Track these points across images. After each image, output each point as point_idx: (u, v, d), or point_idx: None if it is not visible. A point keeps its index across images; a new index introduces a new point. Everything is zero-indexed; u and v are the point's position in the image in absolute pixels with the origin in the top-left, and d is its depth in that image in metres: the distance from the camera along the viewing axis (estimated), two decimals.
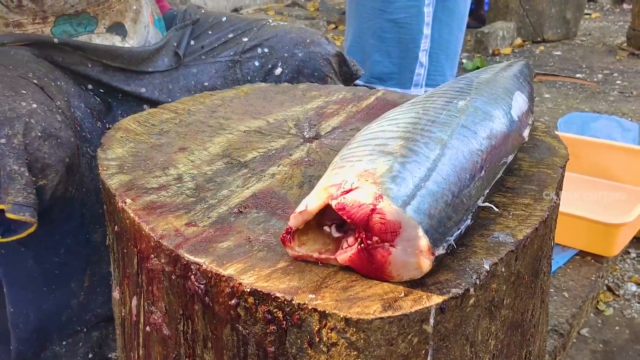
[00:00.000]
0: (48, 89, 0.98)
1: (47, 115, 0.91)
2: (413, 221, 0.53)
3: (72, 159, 0.94)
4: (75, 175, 0.97)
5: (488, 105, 0.73)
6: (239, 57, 1.25)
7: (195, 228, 0.65)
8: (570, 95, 3.12)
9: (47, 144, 0.89)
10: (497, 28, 4.00)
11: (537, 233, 0.67)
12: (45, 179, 0.88)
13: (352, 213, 0.54)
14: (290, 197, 0.73)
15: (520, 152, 0.84)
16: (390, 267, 0.54)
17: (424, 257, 0.53)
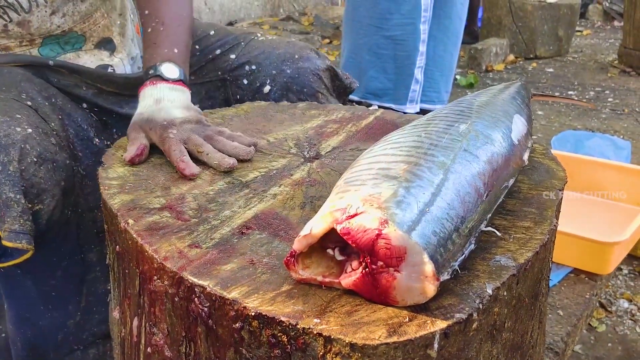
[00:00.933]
0: (42, 110, 0.97)
1: (42, 139, 0.90)
2: (418, 247, 0.53)
3: (68, 181, 0.94)
4: (71, 197, 0.96)
5: (489, 129, 0.74)
6: (227, 76, 1.23)
7: (198, 250, 0.65)
8: (563, 113, 3.15)
9: (42, 168, 0.88)
10: (490, 44, 4.04)
11: (537, 256, 0.68)
12: (41, 203, 0.88)
13: (357, 238, 0.54)
14: (292, 218, 0.73)
15: (520, 175, 0.85)
16: (395, 292, 0.55)
17: (429, 283, 0.53)
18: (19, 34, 1.06)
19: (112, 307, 0.84)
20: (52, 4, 1.07)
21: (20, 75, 1.04)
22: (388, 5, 2.47)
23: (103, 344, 1.08)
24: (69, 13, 1.09)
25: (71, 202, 0.96)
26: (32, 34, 1.07)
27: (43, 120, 0.95)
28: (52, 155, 0.91)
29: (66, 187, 0.93)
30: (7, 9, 1.04)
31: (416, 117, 1.07)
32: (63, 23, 1.09)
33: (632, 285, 1.82)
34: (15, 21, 1.05)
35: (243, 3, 5.27)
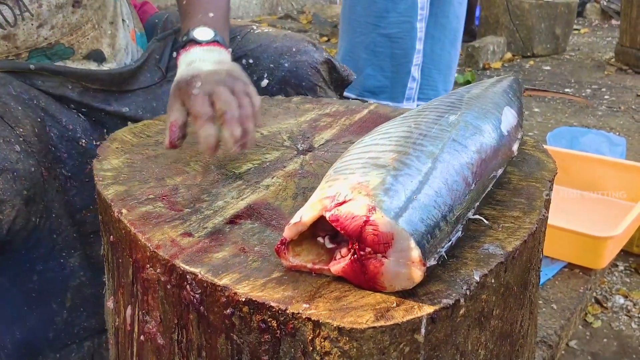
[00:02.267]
0: (10, 116, 0.95)
1: (1, 149, 0.89)
2: (405, 233, 0.54)
3: (34, 189, 0.93)
4: (39, 204, 0.95)
5: (478, 120, 0.75)
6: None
7: (190, 238, 0.66)
8: (559, 110, 3.16)
9: (1, 178, 0.87)
10: (487, 42, 4.05)
11: (526, 245, 0.69)
12: (0, 214, 0.87)
13: (345, 225, 0.55)
14: (284, 208, 0.74)
15: (510, 166, 0.86)
16: (383, 278, 0.56)
17: (416, 268, 0.54)
18: (4, 47, 1.04)
19: (106, 297, 0.85)
20: (38, 17, 1.04)
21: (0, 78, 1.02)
22: (385, 3, 2.48)
23: (98, 337, 1.09)
24: (57, 25, 1.06)
25: (39, 209, 0.95)
26: (19, 47, 1.05)
27: (9, 126, 0.93)
28: (12, 165, 0.89)
29: (30, 196, 0.92)
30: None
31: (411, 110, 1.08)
32: (50, 35, 1.06)
33: (628, 281, 1.82)
34: (0, 35, 1.03)
35: (241, 1, 5.28)
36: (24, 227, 0.93)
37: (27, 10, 1.03)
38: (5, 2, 1.01)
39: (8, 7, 1.01)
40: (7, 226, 0.89)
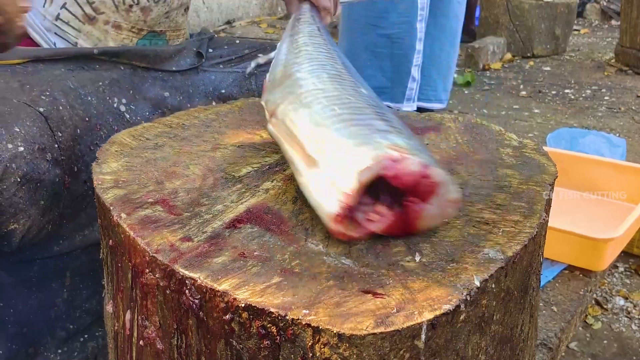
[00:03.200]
0: (56, 117, 0.96)
1: (33, 158, 0.89)
2: (449, 180, 0.64)
3: (52, 199, 0.94)
4: (54, 212, 0.96)
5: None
6: (255, 71, 1.28)
7: (190, 243, 0.66)
8: (559, 111, 3.16)
9: (24, 188, 0.88)
10: (487, 43, 4.05)
11: (526, 250, 0.68)
12: (17, 223, 0.88)
13: (404, 179, 0.62)
14: (284, 212, 0.74)
15: (510, 169, 0.86)
16: (420, 221, 0.65)
17: (451, 208, 0.66)
18: (137, 17, 1.14)
19: (105, 301, 0.85)
20: (170, 5, 1.18)
21: (56, 73, 1.05)
22: (385, 4, 2.48)
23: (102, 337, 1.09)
24: (171, 17, 1.20)
25: (54, 218, 0.96)
26: (146, 22, 1.16)
27: (49, 129, 0.94)
28: (39, 175, 0.90)
29: (47, 205, 0.93)
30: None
31: (412, 113, 1.08)
32: (164, 23, 1.20)
33: (628, 282, 1.82)
34: (141, 5, 1.14)
35: (241, 2, 5.27)
36: (37, 235, 0.93)
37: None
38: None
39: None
40: (20, 235, 0.89)
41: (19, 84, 0.99)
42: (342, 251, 0.65)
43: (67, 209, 0.99)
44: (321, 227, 0.70)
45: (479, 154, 0.91)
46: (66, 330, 1.07)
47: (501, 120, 3.01)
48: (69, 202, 0.99)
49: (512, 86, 3.58)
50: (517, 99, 3.36)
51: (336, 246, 0.66)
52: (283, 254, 0.64)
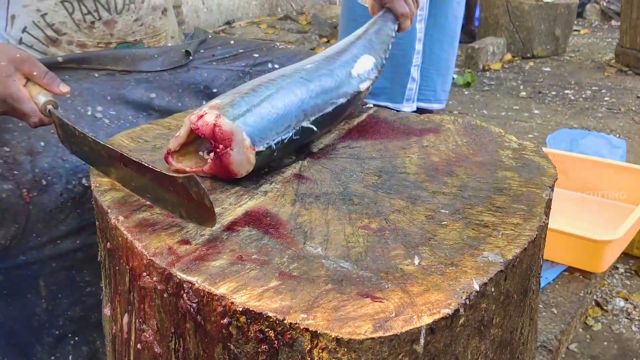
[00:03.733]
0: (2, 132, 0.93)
1: None
2: (239, 129, 0.77)
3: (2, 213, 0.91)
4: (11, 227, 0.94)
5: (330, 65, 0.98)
6: (250, 69, 1.25)
7: (188, 246, 0.65)
8: (559, 112, 3.15)
9: None
10: (487, 44, 4.05)
11: (526, 253, 0.68)
12: None
13: (203, 130, 0.78)
14: (282, 215, 0.73)
15: (510, 172, 0.85)
16: (233, 166, 0.78)
17: (250, 153, 0.77)
18: (101, 33, 1.10)
19: (103, 304, 0.85)
20: (138, 12, 1.13)
21: None
22: None
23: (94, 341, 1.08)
24: (146, 24, 1.16)
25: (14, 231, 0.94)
26: (113, 35, 1.12)
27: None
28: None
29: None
30: (101, 7, 1.08)
31: (411, 115, 1.08)
32: (138, 31, 1.15)
33: (628, 284, 1.82)
34: (103, 19, 1.09)
35: (241, 2, 5.27)
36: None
37: (133, 2, 1.12)
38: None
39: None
40: None
41: None
42: (340, 254, 0.65)
43: (37, 222, 0.96)
44: (320, 230, 0.69)
45: (479, 156, 0.91)
46: (53, 336, 1.06)
47: (501, 121, 3.01)
48: (39, 216, 0.96)
49: (512, 87, 3.57)
50: (517, 99, 3.35)
51: (335, 249, 0.66)
52: (281, 257, 0.64)
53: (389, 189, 0.80)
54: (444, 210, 0.75)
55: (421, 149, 0.93)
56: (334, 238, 0.68)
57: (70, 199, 0.97)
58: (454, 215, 0.73)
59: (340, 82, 0.99)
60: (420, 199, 0.77)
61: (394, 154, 0.91)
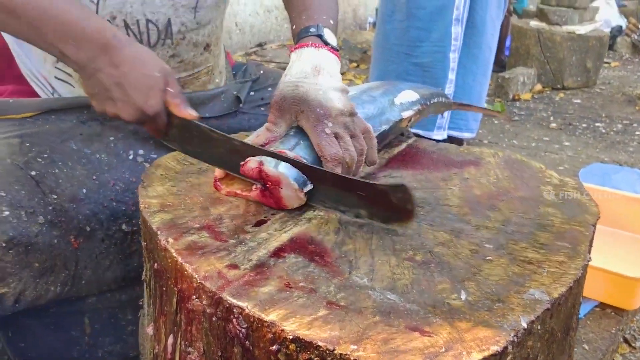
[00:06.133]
0: (50, 179, 0.93)
1: (20, 222, 0.87)
2: (284, 175, 0.79)
3: (52, 260, 0.91)
4: (61, 274, 0.93)
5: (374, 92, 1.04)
6: None
7: (236, 271, 0.67)
8: (590, 145, 3.13)
9: (11, 252, 0.86)
10: (517, 73, 4.04)
11: (571, 291, 0.68)
12: (6, 287, 0.87)
13: (249, 175, 0.82)
14: (327, 243, 0.74)
15: (552, 208, 0.86)
16: (284, 201, 0.81)
17: (299, 194, 0.80)
18: None
19: (144, 323, 0.86)
20: (175, 48, 1.07)
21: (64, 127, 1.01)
22: (418, 33, 2.50)
23: None
24: (185, 61, 1.10)
25: (60, 278, 0.94)
26: None
27: (41, 192, 0.91)
28: (28, 239, 0.87)
29: (45, 267, 0.91)
30: (133, 37, 1.02)
31: (451, 146, 1.08)
32: (175, 68, 1.09)
33: None
34: None
35: (273, 25, 5.34)
36: (41, 296, 0.91)
37: (170, 38, 1.05)
38: (156, 25, 1.03)
39: (157, 30, 1.03)
40: (12, 298, 0.88)
41: (19, 141, 0.97)
42: (387, 286, 0.65)
43: (85, 269, 0.96)
44: (365, 260, 0.70)
45: (520, 191, 0.91)
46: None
47: (531, 152, 2.99)
48: (87, 263, 0.96)
49: (542, 117, 3.56)
50: (547, 130, 3.34)
51: (381, 280, 0.66)
52: (328, 286, 0.65)
53: (432, 221, 0.80)
54: (488, 245, 0.75)
55: (462, 181, 0.94)
56: (380, 269, 0.69)
57: (113, 245, 0.98)
58: (498, 251, 0.74)
59: (382, 109, 1.02)
60: (463, 233, 0.78)
61: (435, 185, 0.92)
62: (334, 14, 1.02)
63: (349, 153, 0.85)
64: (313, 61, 0.89)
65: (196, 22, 1.08)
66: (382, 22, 2.63)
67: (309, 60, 0.90)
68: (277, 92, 0.88)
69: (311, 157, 0.85)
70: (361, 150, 0.88)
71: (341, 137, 0.86)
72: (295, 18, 1.00)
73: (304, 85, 0.87)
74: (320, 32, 0.94)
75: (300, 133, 0.88)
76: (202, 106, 1.14)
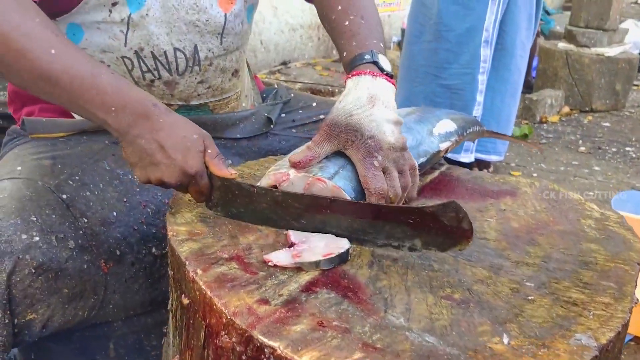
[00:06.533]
0: (81, 202, 0.92)
1: (50, 247, 0.85)
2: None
3: (82, 286, 0.89)
4: (90, 299, 0.91)
5: (413, 123, 1.01)
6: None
7: (267, 306, 0.64)
8: (621, 170, 3.06)
9: (41, 278, 0.83)
10: (545, 95, 3.99)
11: (619, 336, 0.64)
12: (35, 313, 0.85)
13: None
14: (360, 277, 0.71)
15: (595, 244, 0.82)
16: None
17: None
18: (161, 92, 1.05)
19: (169, 352, 0.84)
20: (204, 74, 1.07)
21: (96, 148, 1.00)
22: (447, 54, 2.47)
23: None
24: (213, 87, 1.10)
25: (89, 304, 0.91)
26: (173, 96, 1.07)
27: (72, 217, 0.90)
28: (58, 264, 0.85)
29: (75, 293, 0.88)
30: (161, 66, 1.03)
31: (485, 175, 1.05)
32: (204, 94, 1.09)
33: None
34: (163, 79, 1.04)
35: (298, 44, 5.36)
36: (69, 322, 0.89)
37: (198, 65, 1.06)
38: (184, 53, 1.03)
39: (185, 57, 1.04)
40: (40, 325, 0.86)
41: (51, 162, 0.96)
42: (424, 327, 0.62)
43: (114, 294, 0.94)
44: (401, 298, 0.67)
45: (560, 225, 0.87)
46: None
47: (560, 176, 2.93)
48: (115, 287, 0.94)
49: (570, 141, 3.50)
50: (576, 154, 3.28)
51: (418, 321, 0.63)
52: (363, 326, 0.62)
53: (469, 256, 0.77)
54: (529, 283, 0.72)
55: (499, 212, 0.91)
56: (416, 307, 0.66)
57: (142, 269, 0.96)
58: (540, 290, 0.70)
59: (421, 140, 0.99)
60: (503, 269, 0.74)
61: (471, 216, 0.88)
62: (381, 36, 0.99)
63: (394, 189, 0.83)
64: (369, 90, 0.88)
65: (223, 48, 1.08)
66: (409, 43, 2.61)
67: (366, 89, 0.88)
68: (330, 116, 0.86)
69: (350, 188, 0.82)
70: (405, 187, 0.85)
71: (389, 172, 0.83)
72: (345, 45, 0.97)
73: (358, 115, 0.85)
74: (375, 58, 0.92)
75: (340, 162, 0.85)
76: (234, 127, 1.13)
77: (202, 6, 1.03)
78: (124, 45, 0.99)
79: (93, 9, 0.96)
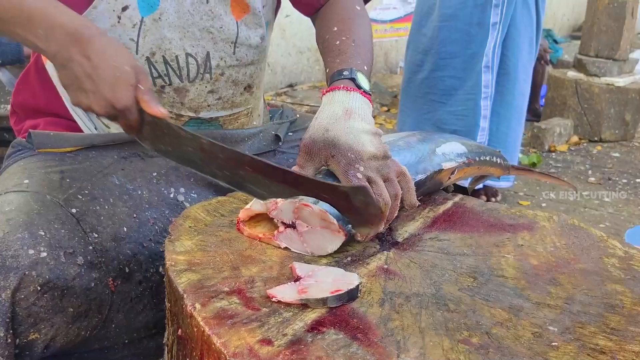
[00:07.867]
0: (91, 217, 0.88)
1: (57, 264, 0.81)
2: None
3: (88, 304, 0.85)
4: (94, 318, 0.87)
5: (417, 142, 0.98)
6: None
7: (270, 347, 0.59)
8: (632, 201, 3.01)
9: (46, 296, 0.80)
10: (554, 124, 3.95)
11: None
12: (37, 333, 0.80)
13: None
14: (370, 316, 0.66)
15: (620, 285, 0.77)
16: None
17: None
18: (171, 99, 1.03)
19: None
20: (214, 83, 1.06)
21: (105, 163, 0.98)
22: (452, 81, 2.46)
23: None
24: (224, 98, 1.08)
25: (93, 323, 0.87)
26: (183, 105, 1.04)
27: (82, 231, 0.86)
28: (64, 282, 0.81)
29: (80, 312, 0.84)
30: (172, 72, 1.01)
31: (501, 207, 1.00)
32: (214, 105, 1.07)
33: None
34: (174, 85, 1.02)
35: (304, 67, 5.35)
36: (70, 342, 0.85)
37: (209, 72, 1.04)
38: (195, 59, 1.02)
39: (196, 64, 1.03)
40: (42, 345, 0.81)
41: (60, 177, 0.93)
42: None
43: (118, 313, 0.90)
44: (415, 341, 0.62)
45: (582, 263, 0.82)
46: None
47: (570, 207, 2.88)
48: (120, 306, 0.90)
49: (579, 171, 3.45)
50: (586, 185, 3.23)
51: None
52: None
53: (487, 295, 0.72)
54: (552, 327, 0.66)
55: (517, 248, 0.86)
56: (431, 352, 0.60)
57: (148, 288, 0.92)
58: (564, 335, 0.65)
59: (421, 157, 0.96)
60: (523, 311, 0.69)
61: (487, 252, 0.84)
62: (368, 60, 0.99)
63: (383, 198, 0.80)
64: (344, 104, 0.86)
65: (236, 58, 1.07)
66: (412, 73, 2.60)
67: (340, 104, 0.87)
68: (306, 135, 0.85)
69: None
70: (395, 195, 0.82)
71: (374, 181, 0.81)
72: (330, 62, 0.98)
73: (335, 129, 0.83)
74: (353, 75, 0.91)
75: (328, 179, 0.82)
76: (241, 143, 1.11)
77: (217, 13, 1.02)
78: (135, 52, 0.97)
79: (101, 14, 0.94)
